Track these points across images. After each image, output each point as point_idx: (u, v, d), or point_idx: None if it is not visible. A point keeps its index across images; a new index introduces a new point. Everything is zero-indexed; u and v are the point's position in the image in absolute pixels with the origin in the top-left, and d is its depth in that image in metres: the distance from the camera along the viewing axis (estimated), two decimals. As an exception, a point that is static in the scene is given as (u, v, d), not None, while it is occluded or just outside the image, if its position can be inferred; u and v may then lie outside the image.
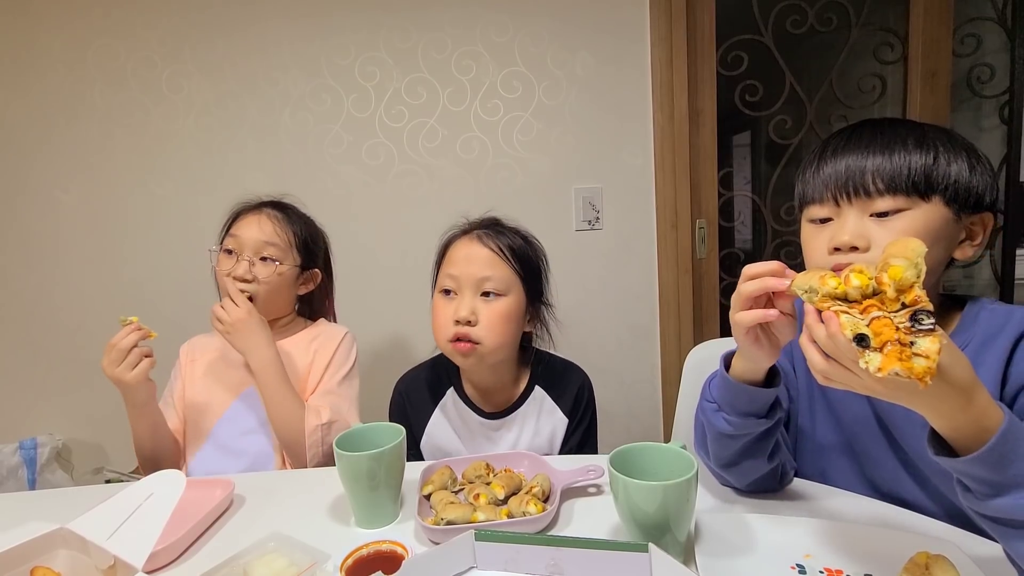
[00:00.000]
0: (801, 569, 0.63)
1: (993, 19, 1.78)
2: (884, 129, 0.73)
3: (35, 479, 1.77)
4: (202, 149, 1.79)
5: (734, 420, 0.72)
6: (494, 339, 0.95)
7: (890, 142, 0.71)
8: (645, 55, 1.74)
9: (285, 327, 1.22)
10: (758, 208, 1.92)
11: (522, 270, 0.99)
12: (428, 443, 1.06)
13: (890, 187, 0.69)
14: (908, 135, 0.71)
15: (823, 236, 0.74)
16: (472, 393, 1.07)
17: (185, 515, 0.74)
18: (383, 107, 1.77)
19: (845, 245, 0.70)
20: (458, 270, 0.97)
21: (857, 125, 0.77)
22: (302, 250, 1.19)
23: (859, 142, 0.73)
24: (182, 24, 1.74)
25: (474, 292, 0.96)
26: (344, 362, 1.20)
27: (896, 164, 0.69)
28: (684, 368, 1.16)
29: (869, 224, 0.70)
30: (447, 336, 0.96)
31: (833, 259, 0.72)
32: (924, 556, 0.59)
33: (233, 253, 1.13)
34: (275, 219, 1.16)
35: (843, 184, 0.71)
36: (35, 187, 1.80)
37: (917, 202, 0.69)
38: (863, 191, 0.70)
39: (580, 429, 1.07)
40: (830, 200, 0.73)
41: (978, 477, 0.54)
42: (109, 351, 0.98)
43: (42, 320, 1.85)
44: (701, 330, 1.89)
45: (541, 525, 0.74)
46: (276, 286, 1.14)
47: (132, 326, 1.00)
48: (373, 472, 0.76)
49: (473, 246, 0.98)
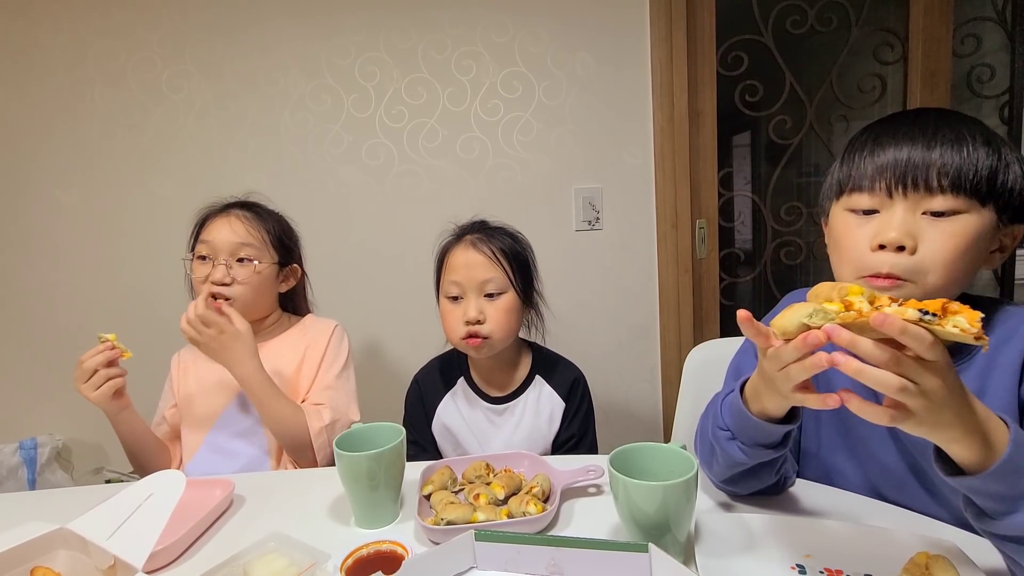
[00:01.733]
0: (801, 569, 0.63)
1: (993, 19, 1.78)
2: (951, 120, 0.66)
3: (35, 479, 1.77)
4: (202, 149, 1.79)
5: (750, 450, 0.69)
6: (501, 331, 1.07)
7: (959, 136, 0.64)
8: (645, 55, 1.74)
9: (272, 327, 1.21)
10: (758, 208, 1.92)
11: (515, 268, 1.09)
12: (438, 423, 1.15)
13: (954, 185, 0.62)
14: (976, 131, 0.65)
15: (866, 230, 0.66)
16: (480, 381, 1.16)
17: (185, 515, 0.74)
18: (383, 107, 1.77)
19: (892, 243, 0.64)
20: (461, 276, 1.06)
21: (920, 111, 0.70)
22: (278, 247, 1.17)
23: (924, 130, 0.65)
24: (182, 25, 1.74)
25: (478, 294, 1.06)
26: (337, 355, 1.20)
27: (965, 161, 0.62)
28: (684, 368, 1.16)
29: (920, 222, 0.64)
30: (460, 335, 1.07)
31: (875, 258, 0.65)
32: (924, 556, 0.59)
33: (208, 259, 1.11)
34: (245, 219, 1.14)
35: (901, 174, 0.64)
36: (35, 187, 1.80)
37: (975, 206, 0.63)
38: (924, 185, 0.63)
39: (579, 416, 1.14)
40: (882, 190, 0.65)
41: (993, 494, 0.53)
42: (78, 366, 0.98)
43: (42, 320, 1.85)
44: (701, 330, 1.89)
45: (541, 525, 0.74)
46: (256, 286, 1.13)
47: (104, 345, 0.99)
48: (373, 472, 0.76)
49: (470, 253, 1.07)
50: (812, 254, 1.92)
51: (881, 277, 0.65)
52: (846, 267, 0.70)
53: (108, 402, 1.00)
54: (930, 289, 0.64)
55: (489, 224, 1.14)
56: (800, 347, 0.52)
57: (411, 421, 1.17)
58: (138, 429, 1.09)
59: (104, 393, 0.98)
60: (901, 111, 0.71)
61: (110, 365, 1.00)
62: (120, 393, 1.02)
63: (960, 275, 0.65)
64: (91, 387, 0.97)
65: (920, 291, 0.65)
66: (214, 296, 1.08)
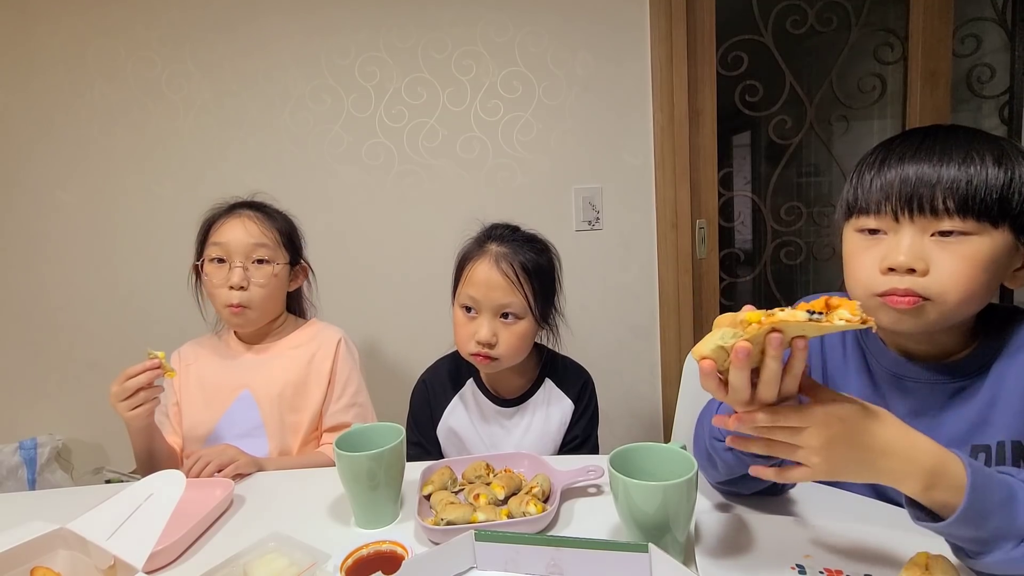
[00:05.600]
0: (801, 569, 0.63)
1: (993, 19, 1.78)
2: (960, 138, 0.64)
3: (35, 479, 1.77)
4: (202, 149, 1.79)
5: (748, 458, 0.69)
6: (512, 355, 1.05)
7: (967, 156, 0.62)
8: (645, 55, 1.74)
9: (280, 328, 1.21)
10: (758, 208, 1.92)
11: (536, 290, 1.03)
12: (444, 426, 1.13)
13: (961, 208, 0.61)
14: (986, 149, 0.62)
15: (875, 252, 0.66)
16: (490, 383, 1.14)
17: (185, 515, 0.74)
18: (383, 107, 1.77)
19: (901, 266, 0.62)
20: (479, 294, 1.02)
21: (929, 129, 0.67)
22: (288, 247, 1.16)
23: (931, 149, 0.64)
24: (182, 24, 1.74)
25: (493, 315, 1.02)
26: (353, 369, 1.20)
27: (971, 182, 0.60)
28: (684, 368, 1.16)
29: (929, 244, 0.62)
30: (469, 351, 1.04)
31: (887, 280, 0.64)
32: (924, 556, 0.59)
33: (224, 262, 1.09)
34: (257, 219, 1.12)
35: (908, 197, 0.63)
36: (35, 186, 1.80)
37: (987, 228, 0.61)
38: (930, 209, 0.62)
39: (584, 419, 1.13)
40: (888, 214, 0.64)
41: (964, 537, 0.54)
42: (120, 381, 0.93)
43: (42, 320, 1.85)
44: (701, 330, 1.89)
45: (541, 525, 0.74)
46: (273, 289, 1.11)
47: (152, 362, 0.93)
48: (373, 472, 0.76)
49: (492, 273, 1.01)
50: (812, 254, 1.92)
51: (898, 295, 0.64)
52: (858, 288, 0.69)
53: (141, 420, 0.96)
54: (949, 310, 0.63)
55: (517, 233, 1.08)
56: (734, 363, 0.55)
57: (416, 422, 1.15)
58: (156, 438, 1.06)
59: (140, 413, 0.94)
60: (913, 129, 0.69)
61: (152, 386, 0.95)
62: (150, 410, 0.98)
63: (976, 296, 0.64)
64: (128, 406, 0.92)
65: (936, 311, 0.63)
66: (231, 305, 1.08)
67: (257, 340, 1.19)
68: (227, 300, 1.09)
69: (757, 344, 0.53)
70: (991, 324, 0.71)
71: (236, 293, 1.08)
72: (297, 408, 1.16)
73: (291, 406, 1.15)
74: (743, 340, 0.52)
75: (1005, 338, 0.69)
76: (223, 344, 1.21)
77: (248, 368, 1.17)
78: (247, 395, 1.14)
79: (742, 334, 0.52)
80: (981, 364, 0.69)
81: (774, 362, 0.54)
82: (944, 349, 0.71)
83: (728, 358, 0.54)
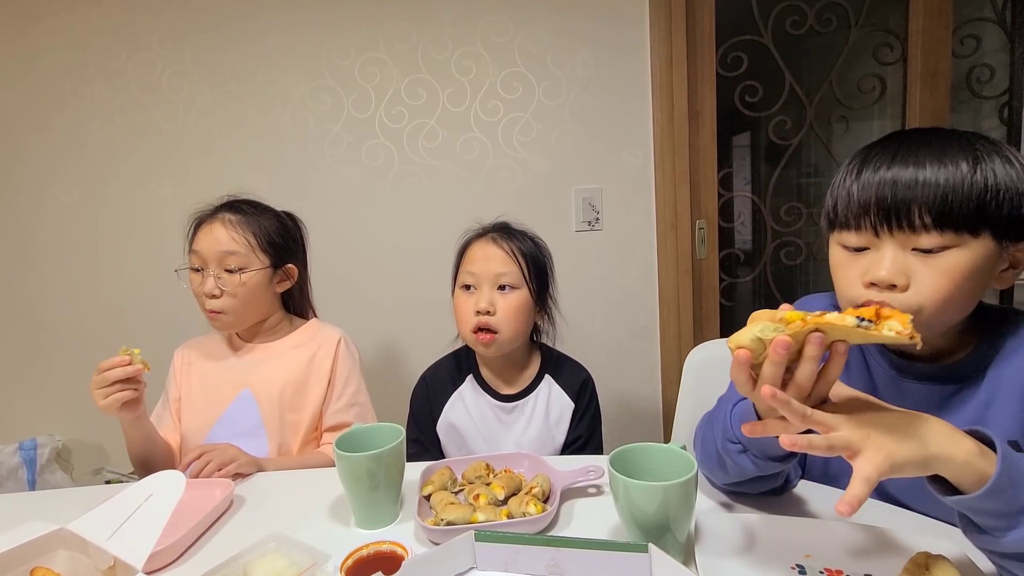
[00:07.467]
0: (801, 569, 0.63)
1: (993, 19, 1.78)
2: (934, 146, 0.63)
3: (35, 480, 1.77)
4: (202, 149, 1.79)
5: (761, 463, 0.69)
6: (510, 328, 1.07)
7: (941, 167, 0.61)
8: (645, 56, 1.74)
9: (273, 328, 1.20)
10: (758, 209, 1.92)
11: (532, 269, 1.10)
12: (444, 422, 1.15)
13: (938, 222, 0.60)
14: (961, 156, 0.61)
15: (857, 267, 0.66)
16: (489, 379, 1.16)
17: (185, 515, 0.74)
18: (383, 108, 1.77)
19: (883, 282, 0.63)
20: (477, 268, 1.08)
21: (906, 135, 0.67)
22: (268, 249, 1.14)
23: (905, 160, 0.63)
24: (182, 25, 1.74)
25: (492, 286, 1.07)
26: (353, 368, 1.21)
27: (947, 196, 0.60)
28: (684, 368, 1.16)
29: (910, 259, 0.63)
30: (470, 326, 1.07)
31: (868, 293, 0.64)
32: (924, 556, 0.59)
33: (200, 270, 1.11)
34: (230, 223, 1.11)
35: (884, 214, 0.62)
36: (35, 187, 1.80)
37: (966, 239, 0.61)
38: (908, 224, 0.62)
39: (586, 417, 1.14)
40: (869, 229, 0.64)
41: (991, 511, 0.53)
42: (96, 372, 0.95)
43: (42, 320, 1.85)
44: (701, 330, 1.89)
45: (541, 526, 0.74)
46: (244, 297, 1.11)
47: (122, 359, 0.95)
48: (373, 472, 0.76)
49: (489, 247, 1.10)
50: (812, 254, 1.92)
51: None
52: (844, 300, 0.70)
53: (116, 412, 0.97)
54: (925, 321, 0.62)
55: (512, 226, 1.16)
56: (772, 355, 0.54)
57: (416, 419, 1.16)
58: (149, 432, 1.07)
59: (109, 404, 0.95)
60: (891, 134, 0.68)
61: (130, 380, 0.96)
62: (135, 404, 0.98)
63: (960, 304, 0.65)
64: (101, 395, 0.95)
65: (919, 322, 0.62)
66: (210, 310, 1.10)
67: (249, 339, 1.20)
68: (204, 306, 1.12)
69: (796, 342, 0.52)
70: (985, 326, 0.71)
71: (211, 300, 1.10)
72: (297, 407, 1.16)
73: (291, 405, 1.15)
74: (785, 335, 0.51)
75: (1001, 340, 0.69)
76: (224, 343, 1.21)
77: (248, 367, 1.17)
78: (247, 394, 1.14)
79: (784, 329, 0.51)
80: (977, 367, 0.70)
81: (811, 363, 0.53)
82: (939, 351, 0.72)
83: (764, 352, 0.52)
